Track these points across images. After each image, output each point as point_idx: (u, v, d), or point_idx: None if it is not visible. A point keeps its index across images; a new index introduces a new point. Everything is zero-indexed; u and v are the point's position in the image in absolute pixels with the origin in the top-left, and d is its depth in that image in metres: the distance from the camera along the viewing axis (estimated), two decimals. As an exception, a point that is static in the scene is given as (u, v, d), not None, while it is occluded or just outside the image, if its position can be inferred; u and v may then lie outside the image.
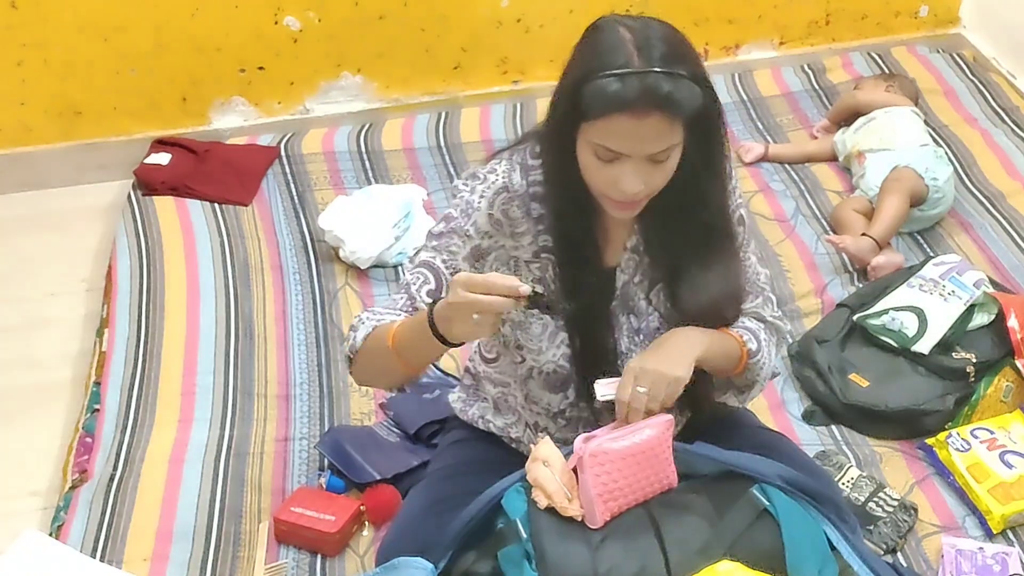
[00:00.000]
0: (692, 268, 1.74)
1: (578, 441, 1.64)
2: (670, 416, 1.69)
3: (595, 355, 1.78)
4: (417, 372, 1.76)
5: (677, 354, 1.68)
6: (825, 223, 2.97)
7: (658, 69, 1.51)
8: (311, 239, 2.94)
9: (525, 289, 1.53)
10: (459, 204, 1.74)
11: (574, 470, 1.65)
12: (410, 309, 1.74)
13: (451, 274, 1.73)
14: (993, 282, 2.56)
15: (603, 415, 1.84)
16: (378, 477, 2.19)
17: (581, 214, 1.70)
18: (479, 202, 1.72)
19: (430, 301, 1.69)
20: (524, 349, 1.81)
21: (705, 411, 1.88)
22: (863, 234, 2.78)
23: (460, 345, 1.64)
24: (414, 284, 1.75)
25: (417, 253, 1.78)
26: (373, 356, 1.74)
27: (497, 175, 1.73)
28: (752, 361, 1.80)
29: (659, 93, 1.51)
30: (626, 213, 1.66)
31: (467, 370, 2.01)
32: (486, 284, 1.53)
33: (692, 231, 1.71)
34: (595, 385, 1.70)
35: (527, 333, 1.80)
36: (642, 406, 1.64)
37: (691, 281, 1.75)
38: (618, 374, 1.74)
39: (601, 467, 1.62)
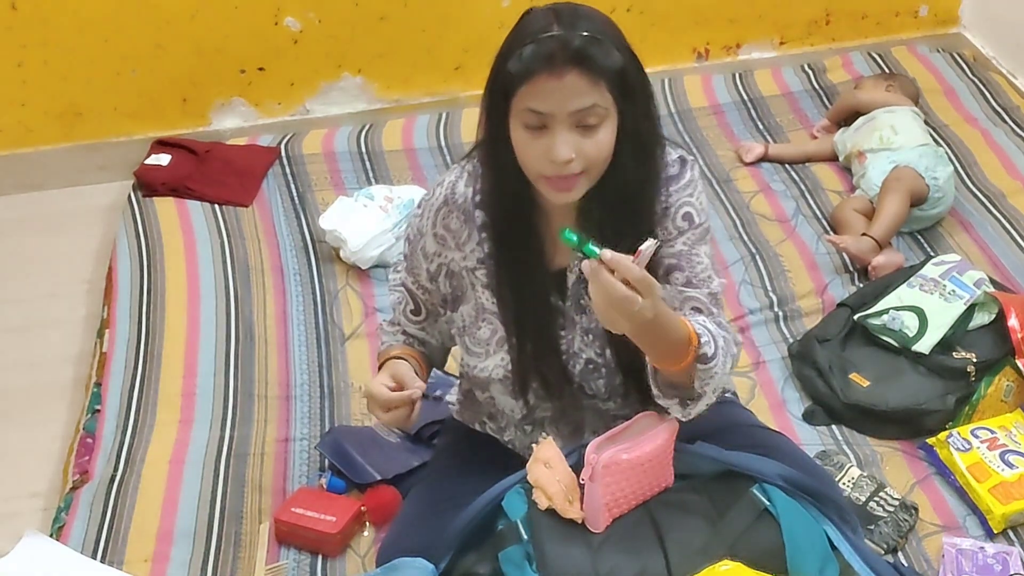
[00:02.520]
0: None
1: (590, 450, 1.64)
2: (675, 422, 1.69)
3: (543, 355, 1.77)
4: None
5: (649, 312, 1.52)
6: (825, 223, 2.97)
7: (575, 33, 1.56)
8: (312, 240, 2.94)
9: (418, 393, 1.78)
10: (412, 229, 1.84)
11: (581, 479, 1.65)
12: (403, 335, 1.95)
13: (421, 293, 1.89)
14: (993, 281, 2.55)
15: (568, 415, 1.84)
16: (379, 477, 2.19)
17: (524, 218, 1.71)
18: (425, 225, 1.80)
19: (416, 319, 1.93)
20: (471, 355, 1.83)
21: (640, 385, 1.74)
22: (864, 234, 2.77)
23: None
24: (399, 305, 1.94)
25: (397, 265, 1.94)
26: None
27: (442, 188, 1.79)
28: (703, 368, 1.61)
29: (573, 47, 1.55)
30: (564, 194, 1.63)
31: (461, 375, 2.02)
32: (387, 402, 1.77)
33: (628, 228, 1.66)
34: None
35: (474, 338, 1.81)
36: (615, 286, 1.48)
37: None
38: (567, 375, 1.79)
39: (612, 477, 1.62)
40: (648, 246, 1.49)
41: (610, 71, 1.57)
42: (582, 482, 1.64)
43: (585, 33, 1.56)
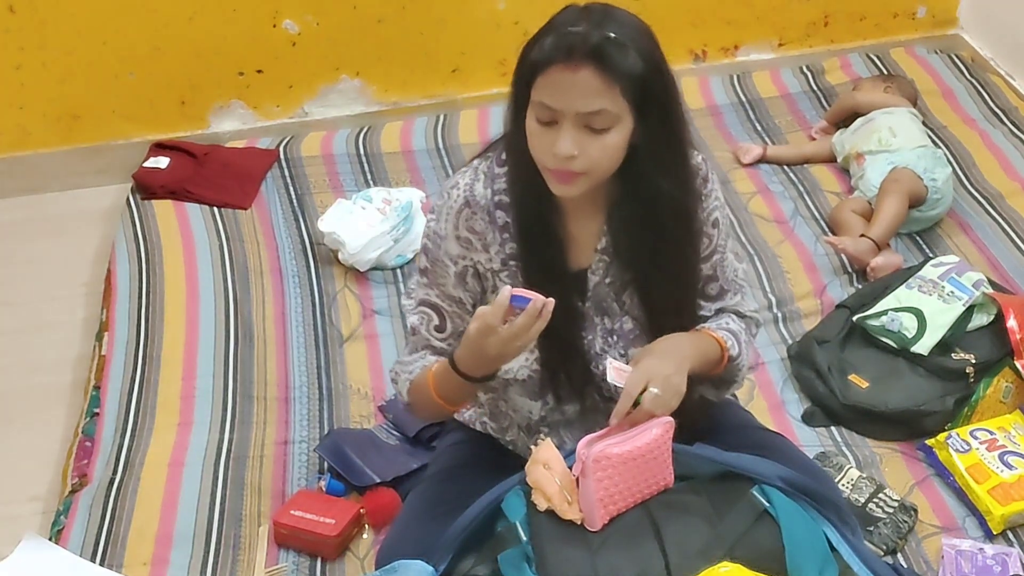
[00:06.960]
0: (658, 270, 1.75)
1: (581, 445, 1.64)
2: (671, 418, 1.69)
3: (567, 356, 1.78)
4: (462, 407, 1.93)
5: (678, 365, 1.69)
6: (824, 224, 2.97)
7: (599, 32, 1.57)
8: (310, 242, 2.94)
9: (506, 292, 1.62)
10: (430, 235, 1.80)
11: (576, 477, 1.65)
12: (429, 351, 1.85)
13: (448, 305, 1.82)
14: (992, 283, 2.56)
15: (586, 418, 1.84)
16: (378, 480, 2.19)
17: (546, 218, 1.72)
18: (444, 228, 1.77)
19: (440, 336, 1.83)
20: None
21: (688, 416, 1.81)
22: (862, 235, 2.77)
23: (492, 378, 1.74)
24: (422, 325, 1.85)
25: (412, 291, 1.86)
26: (423, 404, 1.85)
27: (459, 190, 1.76)
28: (733, 364, 1.83)
29: (591, 44, 1.56)
30: (565, 187, 1.65)
31: None
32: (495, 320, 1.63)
33: (658, 233, 1.72)
34: (608, 364, 1.70)
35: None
36: (656, 410, 1.64)
37: (658, 283, 1.76)
38: (590, 376, 1.78)
39: (604, 472, 1.62)
40: (613, 371, 1.69)
41: (626, 75, 1.58)
42: (575, 475, 1.65)
43: (610, 34, 1.57)
